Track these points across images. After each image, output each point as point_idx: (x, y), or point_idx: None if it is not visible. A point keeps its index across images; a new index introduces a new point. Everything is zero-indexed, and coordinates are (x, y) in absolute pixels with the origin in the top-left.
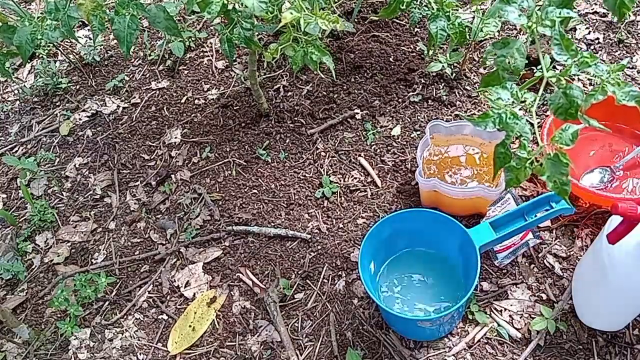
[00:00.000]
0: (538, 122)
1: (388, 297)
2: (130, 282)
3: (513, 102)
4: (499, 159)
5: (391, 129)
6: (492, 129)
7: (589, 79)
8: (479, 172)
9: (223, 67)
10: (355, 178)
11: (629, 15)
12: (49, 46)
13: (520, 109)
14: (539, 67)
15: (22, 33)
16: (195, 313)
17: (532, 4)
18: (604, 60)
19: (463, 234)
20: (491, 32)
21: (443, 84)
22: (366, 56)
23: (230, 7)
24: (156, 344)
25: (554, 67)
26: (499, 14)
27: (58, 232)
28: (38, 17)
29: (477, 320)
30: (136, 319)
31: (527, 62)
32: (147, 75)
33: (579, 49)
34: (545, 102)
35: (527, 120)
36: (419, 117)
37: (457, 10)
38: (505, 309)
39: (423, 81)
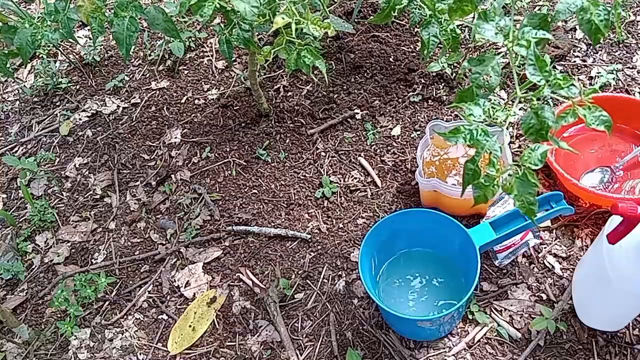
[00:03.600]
0: (511, 139)
1: (388, 297)
2: (130, 282)
3: (484, 119)
4: (468, 175)
5: (391, 129)
6: (463, 144)
7: (591, 77)
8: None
9: (223, 67)
10: (355, 178)
11: (629, 15)
12: (49, 46)
13: (492, 122)
14: None
15: (23, 34)
16: (195, 313)
17: (509, 23)
18: (603, 60)
19: (463, 234)
20: (482, 39)
21: (443, 84)
22: (366, 56)
23: (229, 8)
24: (156, 344)
25: (554, 67)
26: (477, 30)
27: (58, 232)
28: (38, 18)
29: (477, 320)
30: (136, 319)
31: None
32: (147, 75)
33: (552, 70)
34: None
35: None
36: (419, 117)
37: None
38: (505, 309)
39: (423, 81)
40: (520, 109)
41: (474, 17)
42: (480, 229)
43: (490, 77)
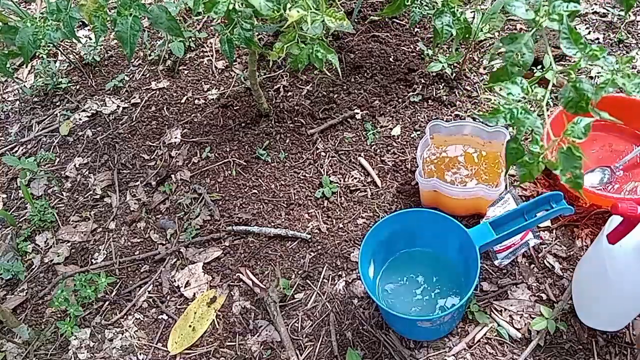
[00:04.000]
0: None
1: (388, 297)
2: (130, 282)
3: (523, 97)
4: (511, 155)
5: (391, 129)
6: (503, 124)
7: (591, 77)
8: (478, 171)
9: (223, 67)
10: (355, 178)
11: (629, 15)
12: (49, 46)
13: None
14: (538, 67)
15: (24, 34)
16: (195, 313)
17: None
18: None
19: (463, 234)
20: (497, 27)
21: (443, 84)
22: (366, 56)
23: (230, 7)
24: (156, 344)
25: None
26: (507, 8)
27: (58, 232)
28: (39, 18)
29: (477, 320)
30: (136, 319)
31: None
32: (147, 75)
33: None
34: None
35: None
36: (419, 117)
37: (463, 6)
38: (505, 309)
39: (423, 81)
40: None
41: (473, 16)
42: (480, 229)
43: (524, 54)
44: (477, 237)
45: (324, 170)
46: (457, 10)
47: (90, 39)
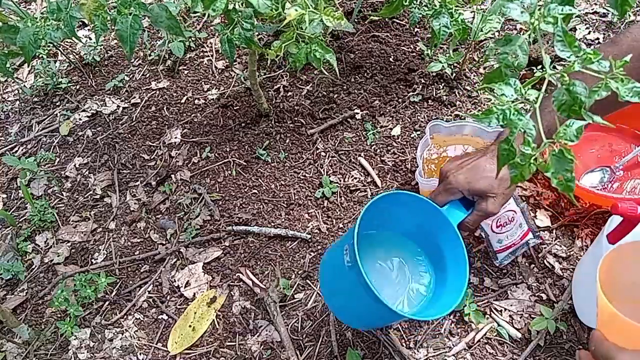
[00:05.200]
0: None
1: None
2: (130, 282)
3: (517, 98)
4: (503, 156)
5: (391, 129)
6: (496, 125)
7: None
8: None
9: (223, 67)
10: (355, 178)
11: (629, 15)
12: (48, 46)
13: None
14: (538, 67)
15: (25, 33)
16: (195, 313)
17: (534, 1)
18: None
19: (437, 214)
20: (494, 28)
21: (443, 84)
22: (366, 56)
23: (230, 6)
24: (156, 344)
25: (554, 66)
26: (502, 10)
27: (58, 232)
28: (39, 17)
29: (477, 320)
30: (136, 319)
31: (527, 61)
32: (147, 75)
33: (581, 45)
34: None
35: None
36: (419, 117)
37: (462, 6)
38: (505, 309)
39: (423, 81)
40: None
41: (473, 15)
42: (451, 208)
43: (518, 56)
44: (451, 217)
45: (324, 170)
46: (455, 11)
47: (91, 38)
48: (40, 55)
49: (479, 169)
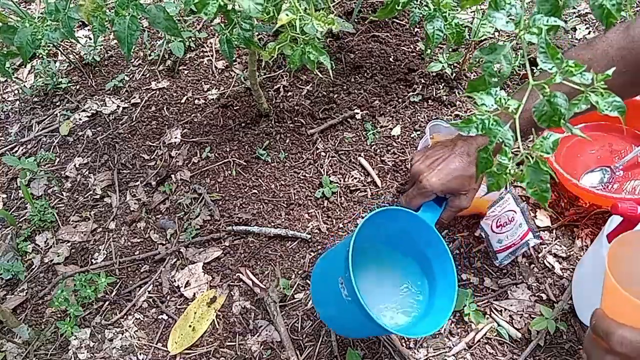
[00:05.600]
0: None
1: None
2: (130, 282)
3: (497, 108)
4: (481, 164)
5: (391, 129)
6: (475, 134)
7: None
8: None
9: (223, 67)
10: (355, 178)
11: (629, 15)
12: (48, 46)
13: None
14: (539, 67)
15: (23, 34)
16: (195, 313)
17: (520, 11)
18: None
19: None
20: (488, 32)
21: (443, 84)
22: (366, 56)
23: (229, 7)
24: (156, 344)
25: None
26: (488, 19)
27: (58, 232)
28: (38, 18)
29: (477, 320)
30: (136, 319)
31: (529, 62)
32: (147, 75)
33: (564, 58)
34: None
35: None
36: (419, 117)
37: (455, 10)
38: (505, 309)
39: (423, 81)
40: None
41: (474, 14)
42: (426, 208)
43: (503, 65)
44: (427, 218)
45: (324, 170)
46: (449, 14)
47: (90, 39)
48: (40, 55)
49: (451, 169)
